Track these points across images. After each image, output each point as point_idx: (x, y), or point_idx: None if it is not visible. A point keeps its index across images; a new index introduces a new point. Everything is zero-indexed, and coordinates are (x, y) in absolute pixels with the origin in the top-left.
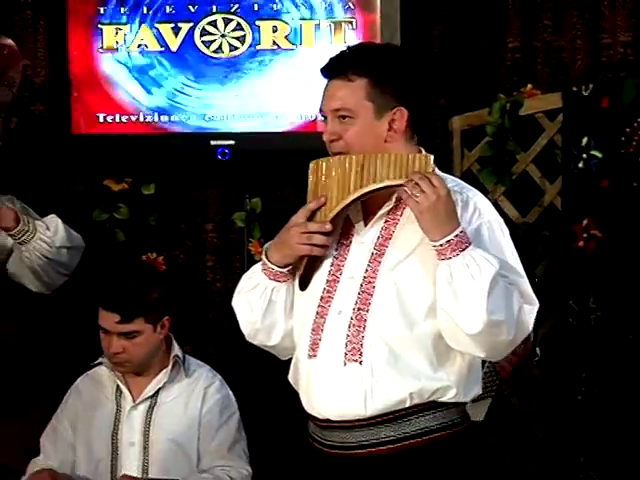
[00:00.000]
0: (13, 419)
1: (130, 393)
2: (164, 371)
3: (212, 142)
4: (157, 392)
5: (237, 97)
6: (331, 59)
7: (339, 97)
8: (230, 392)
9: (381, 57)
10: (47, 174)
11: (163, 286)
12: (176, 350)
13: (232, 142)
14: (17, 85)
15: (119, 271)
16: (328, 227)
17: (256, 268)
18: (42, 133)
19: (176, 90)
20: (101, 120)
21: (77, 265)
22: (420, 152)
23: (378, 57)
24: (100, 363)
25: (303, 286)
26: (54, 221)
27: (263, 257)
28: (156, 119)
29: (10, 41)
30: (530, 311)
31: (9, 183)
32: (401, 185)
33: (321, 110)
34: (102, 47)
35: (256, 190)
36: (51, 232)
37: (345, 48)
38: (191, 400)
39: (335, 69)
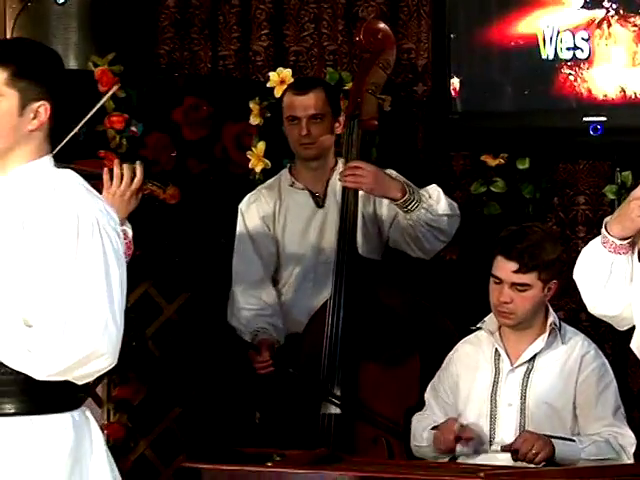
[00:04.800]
0: (390, 369)
1: (508, 357)
2: (541, 337)
3: (585, 118)
4: (534, 357)
5: (608, 73)
6: None
7: None
8: (605, 361)
9: None
10: (428, 150)
11: (560, 249)
12: (553, 317)
13: (604, 118)
14: (391, 67)
15: (522, 226)
16: None
17: (596, 241)
18: (423, 111)
19: None
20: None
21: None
22: None
23: None
24: (479, 328)
25: None
26: (436, 190)
27: (603, 230)
28: None
29: (384, 25)
30: None
31: (390, 159)
32: None
33: None
34: None
35: (627, 163)
36: (433, 200)
37: None
38: (567, 367)
39: None
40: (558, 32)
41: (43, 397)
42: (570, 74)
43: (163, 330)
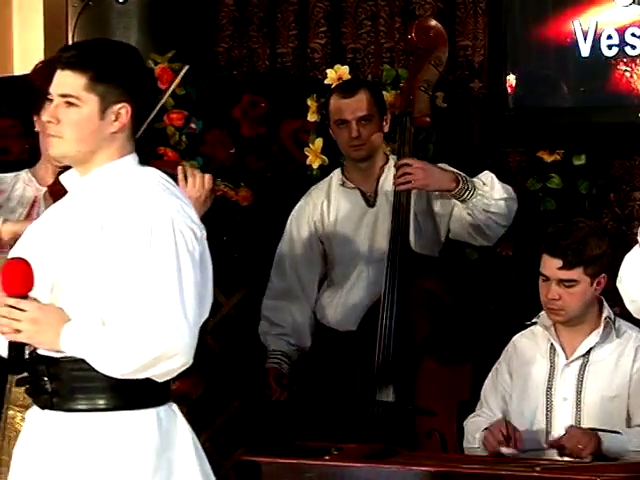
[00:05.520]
0: (444, 365)
1: (563, 351)
2: (596, 331)
3: None
4: (589, 351)
5: None
6: None
7: None
8: None
9: None
10: (484, 146)
11: (606, 244)
12: (607, 312)
13: None
14: (443, 65)
15: (567, 222)
16: None
17: (636, 248)
18: (479, 108)
19: None
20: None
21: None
22: None
23: None
24: (535, 323)
25: None
26: (488, 175)
27: (638, 237)
28: None
29: (435, 23)
30: None
31: (446, 155)
32: None
33: None
34: None
35: None
36: (488, 187)
37: None
38: (622, 359)
39: None
40: (614, 29)
41: (131, 393)
42: (626, 70)
43: (222, 325)
